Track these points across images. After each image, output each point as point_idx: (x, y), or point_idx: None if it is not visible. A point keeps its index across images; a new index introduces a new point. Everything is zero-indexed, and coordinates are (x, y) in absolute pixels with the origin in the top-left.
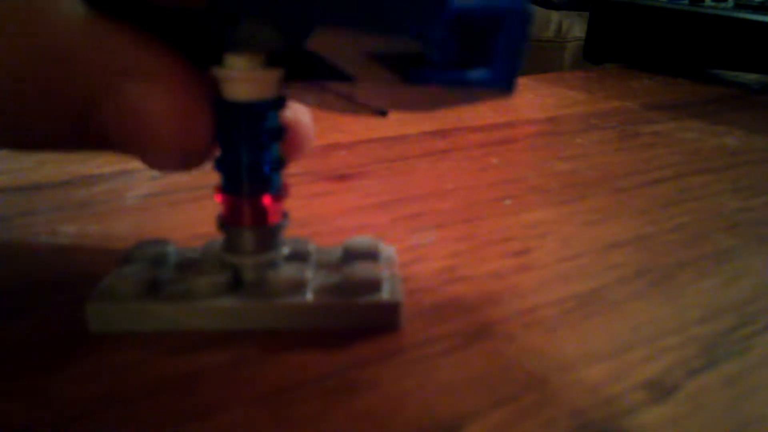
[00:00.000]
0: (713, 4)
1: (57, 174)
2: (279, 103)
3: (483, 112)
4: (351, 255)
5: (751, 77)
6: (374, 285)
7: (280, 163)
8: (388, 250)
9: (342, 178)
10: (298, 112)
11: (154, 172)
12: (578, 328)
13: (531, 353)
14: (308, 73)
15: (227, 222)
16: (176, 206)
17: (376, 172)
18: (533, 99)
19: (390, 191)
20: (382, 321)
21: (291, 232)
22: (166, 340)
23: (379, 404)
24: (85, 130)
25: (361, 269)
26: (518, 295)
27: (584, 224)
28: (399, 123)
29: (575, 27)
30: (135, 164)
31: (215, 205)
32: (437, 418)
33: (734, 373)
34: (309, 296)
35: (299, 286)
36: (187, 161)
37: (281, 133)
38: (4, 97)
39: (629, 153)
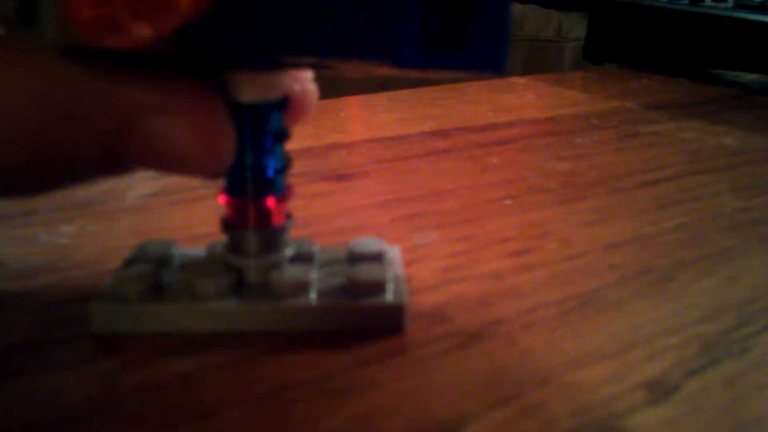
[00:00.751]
0: (713, 4)
1: None
2: (283, 104)
3: (483, 112)
4: (356, 256)
5: (751, 77)
6: (378, 287)
7: (284, 165)
8: (393, 250)
9: (342, 178)
10: (305, 82)
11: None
12: (578, 328)
13: (531, 353)
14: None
15: (231, 223)
16: (176, 206)
17: (376, 172)
18: (533, 99)
19: (390, 191)
20: (386, 323)
21: (292, 232)
22: (166, 341)
23: (379, 404)
24: (116, 161)
25: (366, 270)
26: (518, 296)
27: (584, 224)
28: (399, 123)
29: (575, 27)
30: None
31: (215, 205)
32: (437, 418)
33: (734, 373)
34: (313, 298)
35: (303, 287)
36: (217, 172)
37: (285, 135)
38: (41, 139)
39: (629, 153)
